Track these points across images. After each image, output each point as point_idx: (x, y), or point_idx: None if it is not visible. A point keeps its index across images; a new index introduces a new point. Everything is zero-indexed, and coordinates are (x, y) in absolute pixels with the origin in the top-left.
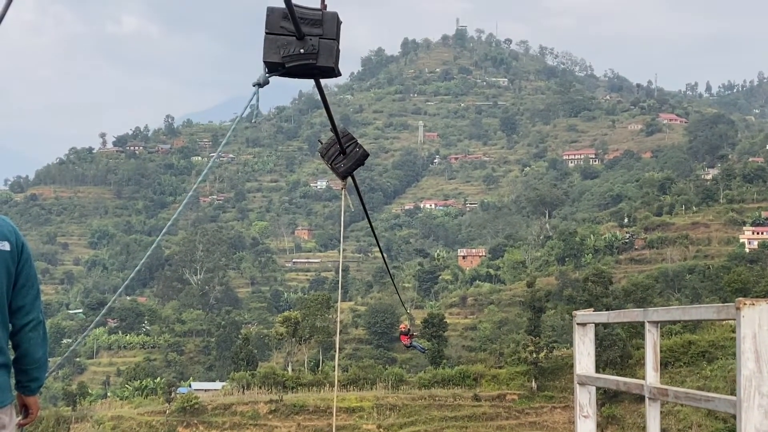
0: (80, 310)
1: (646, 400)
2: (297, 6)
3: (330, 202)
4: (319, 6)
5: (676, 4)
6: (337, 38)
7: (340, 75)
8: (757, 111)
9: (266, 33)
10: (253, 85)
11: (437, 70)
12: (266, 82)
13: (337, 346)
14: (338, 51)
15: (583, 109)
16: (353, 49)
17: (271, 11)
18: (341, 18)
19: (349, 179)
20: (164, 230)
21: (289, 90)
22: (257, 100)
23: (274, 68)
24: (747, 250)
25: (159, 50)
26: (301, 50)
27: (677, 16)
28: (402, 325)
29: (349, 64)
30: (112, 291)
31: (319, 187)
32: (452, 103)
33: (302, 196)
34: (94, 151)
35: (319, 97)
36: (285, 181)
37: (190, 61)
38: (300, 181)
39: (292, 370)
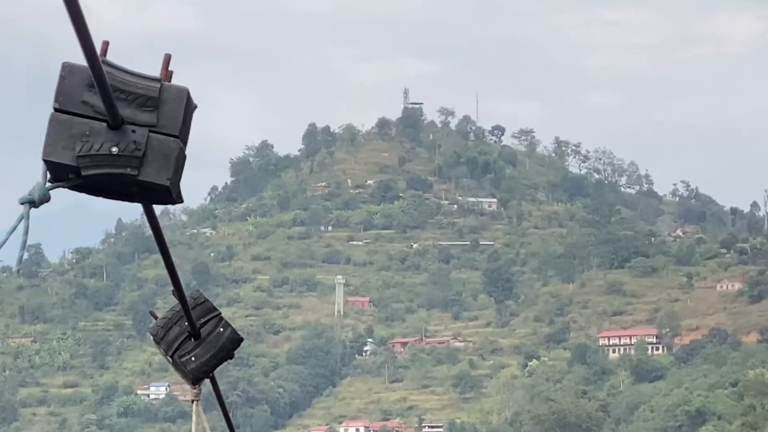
0: None
1: None
2: (118, 68)
3: (174, 423)
4: (158, 74)
5: None
6: (182, 135)
7: (182, 201)
8: None
9: (55, 109)
10: (21, 203)
11: (369, 182)
12: (45, 199)
13: None
14: (183, 157)
15: (634, 253)
16: (218, 145)
17: (68, 71)
18: (195, 99)
19: (208, 383)
20: None
21: (97, 216)
22: (26, 232)
23: (62, 174)
24: None
25: None
26: (114, 148)
27: None
28: None
29: (210, 171)
30: None
31: (153, 396)
32: (397, 243)
33: (122, 413)
34: None
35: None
36: (90, 386)
37: None
38: (118, 387)
39: None
